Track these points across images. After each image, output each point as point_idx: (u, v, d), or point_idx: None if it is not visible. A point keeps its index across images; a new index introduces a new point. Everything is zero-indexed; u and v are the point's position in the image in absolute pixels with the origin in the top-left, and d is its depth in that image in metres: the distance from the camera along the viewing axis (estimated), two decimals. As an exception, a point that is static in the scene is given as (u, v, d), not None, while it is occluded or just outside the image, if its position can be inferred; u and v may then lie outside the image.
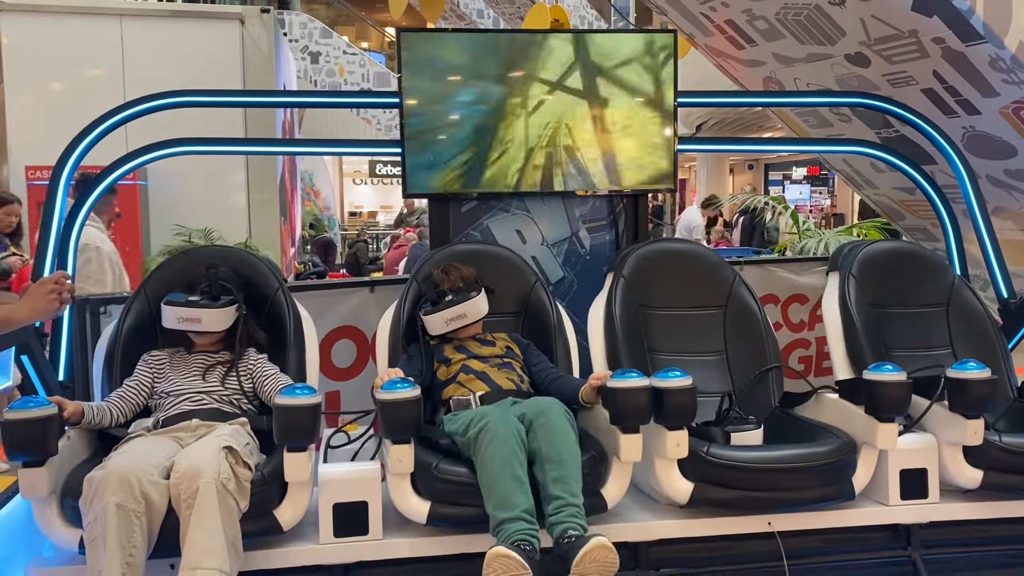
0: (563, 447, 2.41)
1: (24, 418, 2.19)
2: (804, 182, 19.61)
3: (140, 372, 2.70)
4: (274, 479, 2.40)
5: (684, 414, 2.53)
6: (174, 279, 2.87)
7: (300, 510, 2.45)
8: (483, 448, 2.38)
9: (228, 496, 2.22)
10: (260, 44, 7.99)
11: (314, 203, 13.59)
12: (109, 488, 2.15)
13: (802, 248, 5.53)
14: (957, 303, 3.38)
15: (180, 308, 2.68)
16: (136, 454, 2.31)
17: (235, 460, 2.30)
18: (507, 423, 2.44)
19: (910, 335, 3.31)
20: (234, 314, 2.76)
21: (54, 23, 7.48)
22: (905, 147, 4.39)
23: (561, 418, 2.49)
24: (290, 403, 2.33)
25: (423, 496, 2.48)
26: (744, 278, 3.35)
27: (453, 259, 3.12)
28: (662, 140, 3.65)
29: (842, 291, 3.26)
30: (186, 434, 2.51)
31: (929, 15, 3.66)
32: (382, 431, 2.46)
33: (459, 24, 15.17)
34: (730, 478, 2.60)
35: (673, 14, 4.89)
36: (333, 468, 2.53)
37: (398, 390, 2.40)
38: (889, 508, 2.78)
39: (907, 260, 3.46)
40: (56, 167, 3.20)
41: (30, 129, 7.32)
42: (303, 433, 2.36)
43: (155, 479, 2.22)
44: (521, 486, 2.34)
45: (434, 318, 2.90)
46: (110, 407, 2.58)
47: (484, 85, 3.50)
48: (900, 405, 2.69)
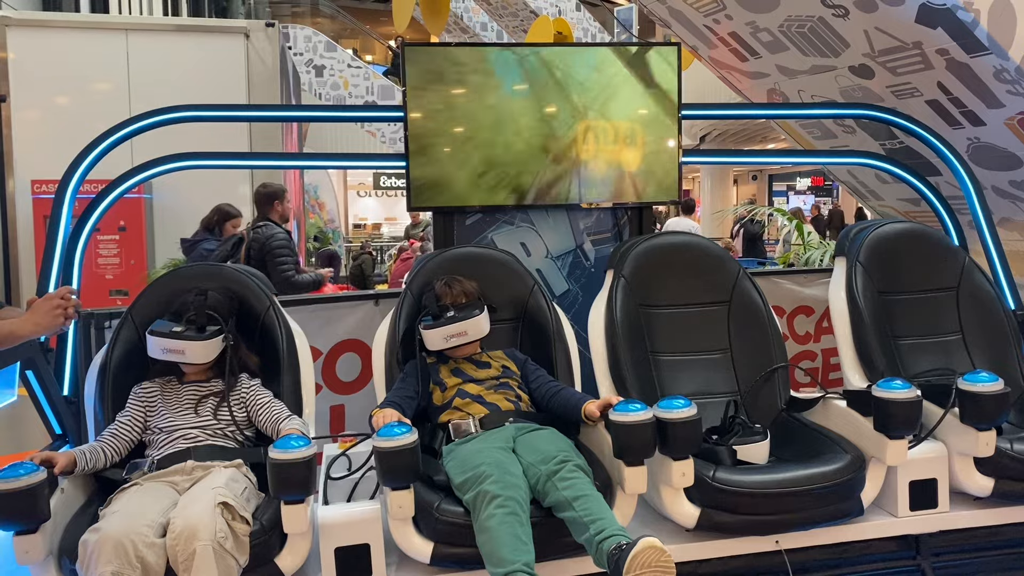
0: (589, 490, 2.35)
1: (12, 489, 2.10)
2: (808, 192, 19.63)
3: (132, 407, 2.64)
4: (273, 527, 2.32)
5: (689, 445, 2.48)
6: (162, 302, 2.80)
7: (301, 557, 2.38)
8: (481, 512, 2.28)
9: (226, 555, 2.17)
10: (265, 58, 8.02)
11: (318, 215, 13.62)
12: (103, 558, 2.09)
13: (807, 259, 5.52)
14: (968, 286, 3.31)
15: (164, 340, 2.61)
16: (130, 514, 2.22)
17: (232, 516, 2.23)
18: (509, 482, 2.33)
19: (919, 322, 3.25)
20: (220, 345, 2.67)
21: (60, 38, 7.52)
22: (910, 158, 4.39)
23: (577, 473, 2.39)
24: (284, 458, 2.23)
25: (426, 536, 2.42)
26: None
27: (451, 267, 3.05)
28: (666, 152, 3.65)
29: (849, 281, 3.19)
30: (181, 477, 2.45)
31: (933, 27, 3.66)
32: (380, 479, 2.39)
33: (463, 37, 15.22)
34: (737, 504, 2.54)
35: (677, 27, 4.90)
36: (333, 511, 2.44)
37: (395, 437, 2.31)
38: (898, 520, 2.75)
39: (917, 242, 3.37)
40: (62, 181, 3.21)
41: (36, 143, 7.35)
42: (299, 486, 2.27)
43: (150, 540, 2.15)
44: (522, 544, 2.23)
45: (434, 334, 2.83)
46: (104, 448, 2.53)
47: (488, 98, 3.50)
48: (911, 423, 2.63)
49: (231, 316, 2.77)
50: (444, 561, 2.42)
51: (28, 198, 7.22)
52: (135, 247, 7.38)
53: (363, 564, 2.41)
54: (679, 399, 2.49)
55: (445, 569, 2.45)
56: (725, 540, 2.62)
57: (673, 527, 2.65)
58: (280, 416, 2.63)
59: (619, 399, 2.55)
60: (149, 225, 7.57)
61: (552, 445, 2.52)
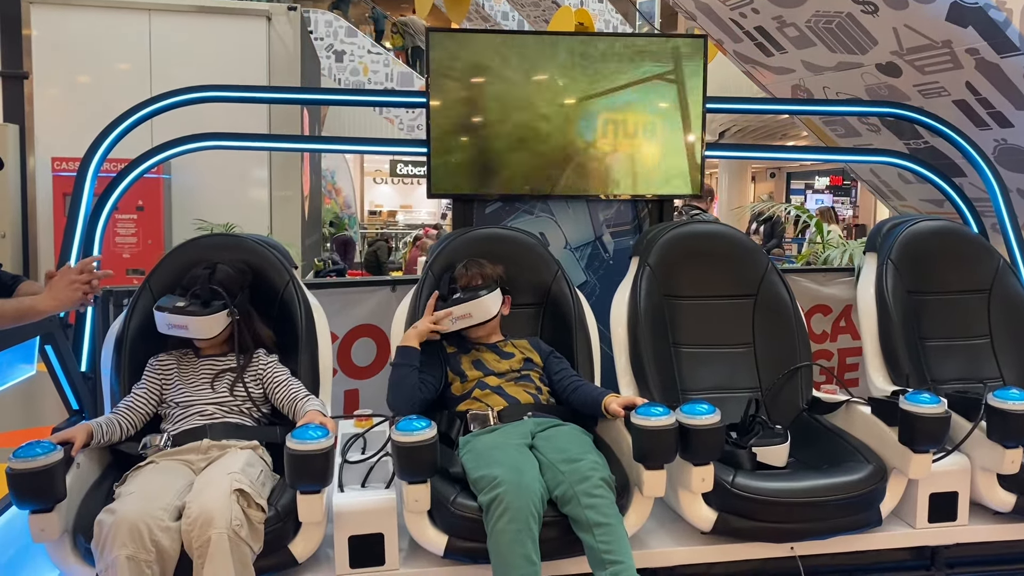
0: (612, 518, 2.32)
1: (30, 468, 2.11)
2: (826, 192, 19.49)
3: (147, 379, 2.64)
4: (288, 515, 2.31)
5: (711, 451, 2.43)
6: (179, 272, 2.76)
7: (314, 543, 2.37)
8: (494, 521, 2.26)
9: (241, 543, 2.16)
10: (286, 41, 8.02)
11: (335, 201, 13.64)
12: (119, 540, 2.09)
13: (826, 259, 5.47)
14: (1000, 289, 3.22)
15: (168, 314, 2.60)
16: (145, 496, 2.22)
17: (247, 503, 2.23)
18: (522, 492, 2.28)
19: (948, 323, 3.18)
20: (225, 320, 2.64)
21: (83, 17, 7.55)
22: (935, 159, 4.34)
23: (602, 490, 2.36)
24: (303, 449, 2.21)
25: (440, 529, 2.39)
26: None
27: (474, 248, 3.00)
28: (689, 145, 3.62)
29: (879, 278, 3.13)
30: (197, 456, 2.45)
31: (964, 26, 3.61)
32: (397, 473, 2.37)
33: (483, 26, 15.18)
34: (755, 510, 2.50)
35: (702, 19, 4.86)
36: (348, 499, 2.41)
37: (415, 432, 2.28)
38: (916, 531, 2.69)
39: (951, 240, 3.29)
40: (84, 159, 3.22)
41: (57, 120, 7.39)
42: (316, 477, 2.25)
43: (166, 524, 2.16)
44: (532, 568, 2.22)
45: (442, 314, 2.80)
46: (119, 420, 2.52)
47: (510, 87, 3.48)
48: (938, 438, 2.56)
49: (241, 290, 2.73)
50: (457, 554, 2.39)
51: (48, 175, 7.26)
52: (153, 227, 7.41)
53: (376, 553, 2.40)
54: (702, 404, 2.44)
55: (458, 562, 2.43)
56: (739, 544, 2.58)
57: (688, 528, 2.62)
58: (298, 395, 2.61)
59: (643, 401, 2.51)
60: (167, 205, 7.60)
61: (574, 444, 2.50)
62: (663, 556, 2.58)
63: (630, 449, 2.44)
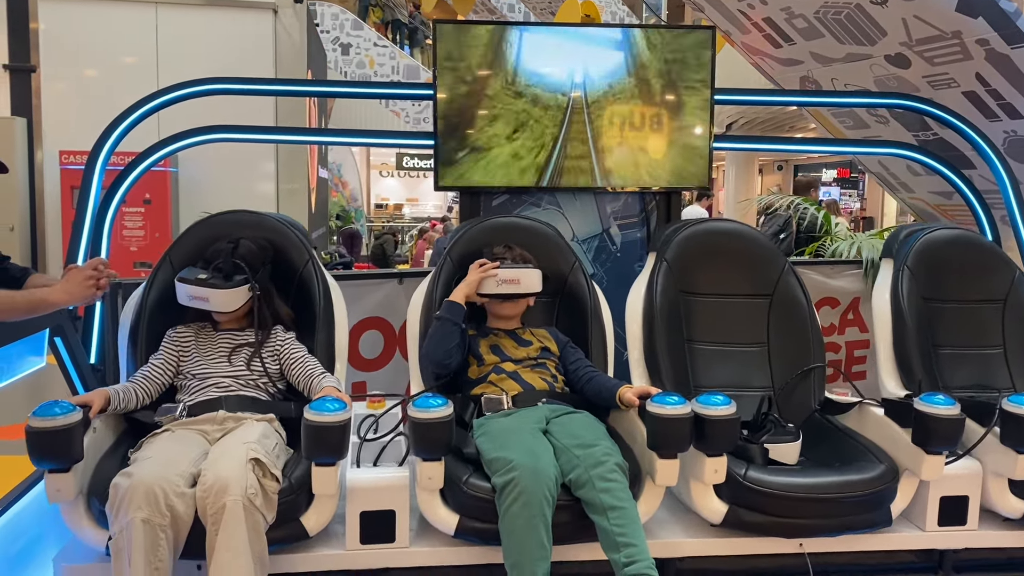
0: (626, 501, 2.33)
1: (49, 427, 2.13)
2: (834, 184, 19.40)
3: (165, 350, 2.65)
4: (301, 487, 2.33)
5: (726, 442, 2.44)
6: (200, 246, 2.78)
7: (327, 517, 2.40)
8: (508, 504, 2.28)
9: (255, 512, 2.19)
10: (292, 34, 8.02)
11: (341, 194, 13.66)
12: (134, 503, 2.11)
13: (834, 251, 5.45)
14: (1015, 299, 3.22)
15: (189, 286, 2.61)
16: (162, 462, 2.24)
17: (262, 472, 2.25)
18: (537, 477, 2.29)
19: (962, 332, 3.18)
20: (246, 294, 2.66)
21: (90, 10, 7.55)
22: (944, 151, 4.32)
23: (617, 475, 2.37)
24: (320, 420, 2.24)
25: (452, 508, 2.42)
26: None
27: (494, 235, 3.01)
28: (697, 138, 3.61)
29: (895, 284, 3.14)
30: (212, 427, 2.47)
31: (974, 16, 3.59)
32: (412, 449, 2.39)
33: (490, 18, 15.14)
34: (766, 504, 2.50)
35: (710, 11, 4.84)
36: (362, 475, 2.44)
37: (432, 409, 2.31)
38: (925, 534, 2.68)
39: (968, 250, 3.29)
40: (92, 153, 3.22)
41: (65, 114, 7.40)
42: (332, 449, 2.27)
43: (181, 490, 2.18)
44: (543, 552, 2.25)
45: (492, 266, 2.80)
46: (136, 389, 2.54)
47: (518, 79, 3.48)
48: (951, 440, 2.55)
49: (263, 266, 2.74)
50: (468, 534, 2.42)
51: (56, 168, 7.28)
52: (160, 220, 7.43)
53: (387, 529, 2.42)
54: (718, 395, 2.45)
55: (468, 542, 2.45)
56: (748, 538, 2.59)
57: (698, 520, 2.63)
58: (314, 372, 2.62)
59: (657, 390, 2.52)
60: (174, 198, 7.62)
61: (588, 431, 2.51)
62: (672, 547, 2.58)
63: (643, 439, 2.45)
